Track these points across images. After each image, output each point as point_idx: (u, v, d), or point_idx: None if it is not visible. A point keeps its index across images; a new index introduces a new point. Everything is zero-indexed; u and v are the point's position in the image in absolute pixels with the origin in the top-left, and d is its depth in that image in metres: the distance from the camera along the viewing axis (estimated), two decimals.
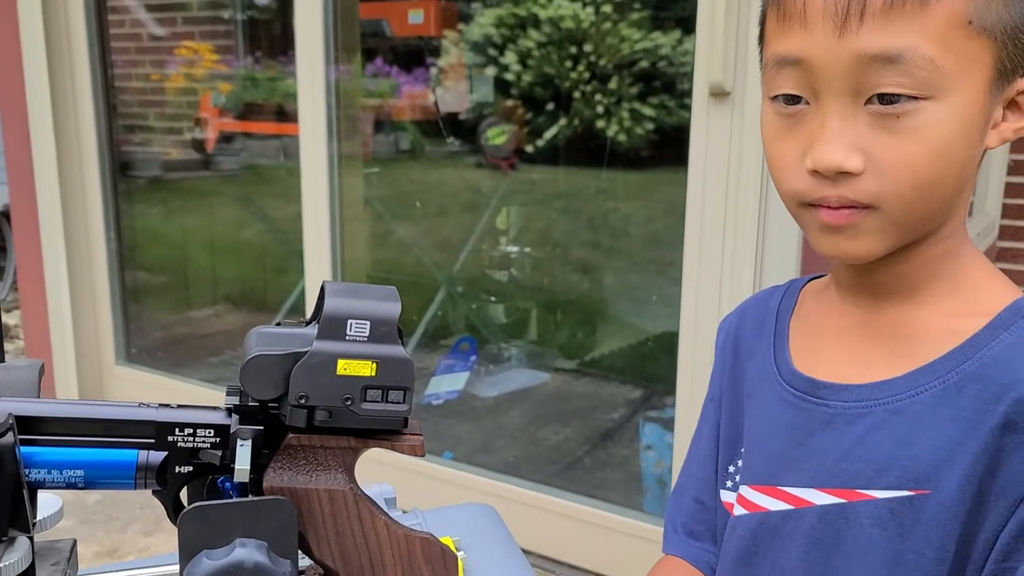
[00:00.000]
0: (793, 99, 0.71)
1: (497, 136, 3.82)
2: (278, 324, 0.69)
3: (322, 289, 0.68)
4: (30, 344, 3.36)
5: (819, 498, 0.76)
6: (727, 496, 0.87)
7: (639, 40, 3.72)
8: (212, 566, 0.61)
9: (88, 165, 3.14)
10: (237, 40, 3.88)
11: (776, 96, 0.72)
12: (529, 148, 3.79)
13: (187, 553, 0.62)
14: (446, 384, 3.08)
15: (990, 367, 0.70)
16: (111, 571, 0.99)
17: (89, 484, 0.66)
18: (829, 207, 0.71)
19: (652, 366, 3.21)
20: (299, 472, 0.69)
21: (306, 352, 0.66)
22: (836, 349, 0.80)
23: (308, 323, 0.69)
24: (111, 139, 3.18)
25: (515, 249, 3.62)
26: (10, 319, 4.29)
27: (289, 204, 2.75)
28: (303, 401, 0.66)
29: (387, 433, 0.70)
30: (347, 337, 0.66)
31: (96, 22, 3.08)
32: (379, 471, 1.47)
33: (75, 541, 0.75)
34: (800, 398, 0.79)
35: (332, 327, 0.66)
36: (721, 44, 1.87)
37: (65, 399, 0.71)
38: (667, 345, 2.21)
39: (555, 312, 3.68)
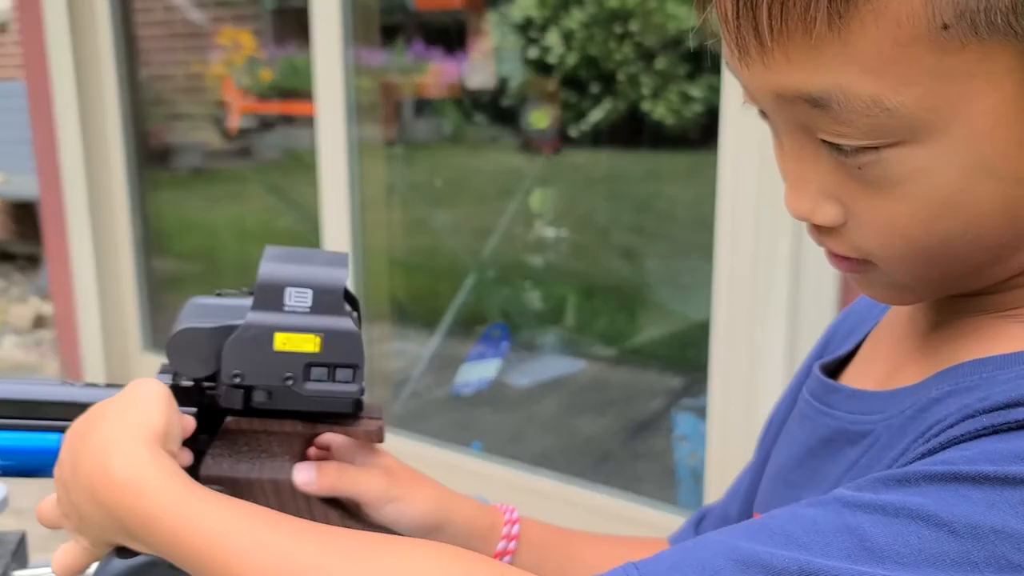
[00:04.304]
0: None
1: (540, 119, 3.74)
2: (218, 294, 0.63)
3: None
4: (60, 331, 3.43)
5: None
6: None
7: (687, 18, 3.60)
8: (123, 567, 0.55)
9: (113, 151, 3.14)
10: (266, 24, 3.84)
11: None
12: (572, 131, 3.71)
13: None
14: (476, 372, 3.01)
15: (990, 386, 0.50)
16: None
17: (7, 472, 0.61)
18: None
19: (693, 353, 3.10)
20: (240, 460, 0.63)
21: (239, 325, 0.59)
22: (881, 352, 0.65)
23: (250, 292, 0.62)
24: (136, 125, 3.19)
25: (551, 233, 3.54)
26: (47, 308, 4.34)
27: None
28: (238, 380, 0.60)
29: (339, 416, 0.64)
30: (285, 307, 0.59)
31: (120, 5, 3.08)
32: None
33: (24, 533, 0.71)
34: (808, 403, 0.64)
35: (268, 296, 0.59)
36: None
37: None
38: (707, 332, 2.14)
39: (592, 298, 3.60)
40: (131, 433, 0.56)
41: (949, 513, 0.43)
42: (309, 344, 0.59)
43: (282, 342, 0.59)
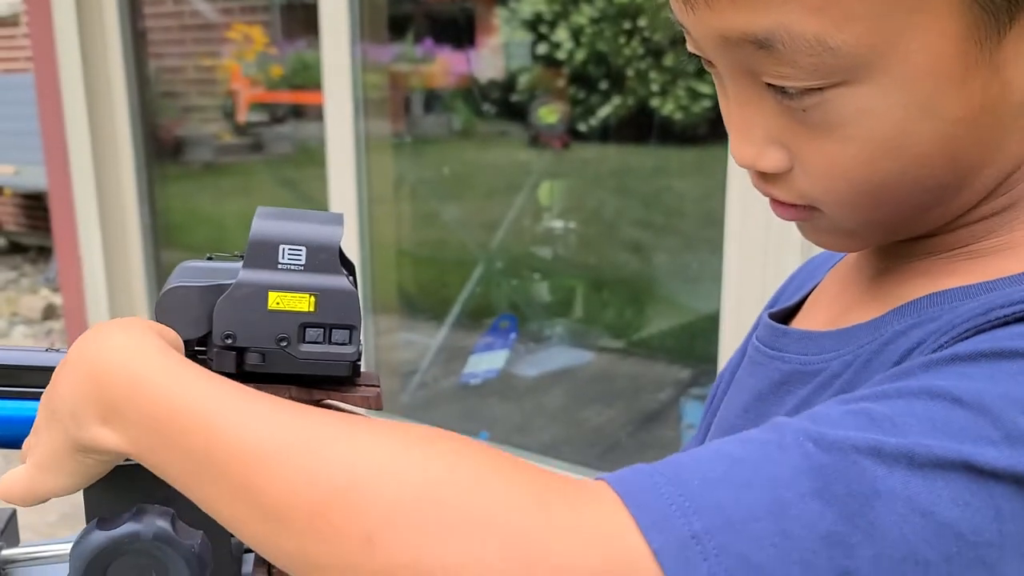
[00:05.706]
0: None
1: (548, 115, 3.72)
2: (209, 258, 0.61)
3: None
4: (69, 322, 3.41)
5: None
6: None
7: None
8: (103, 539, 0.52)
9: (121, 144, 3.14)
10: (276, 19, 3.83)
11: None
12: (581, 126, 3.69)
13: (90, 520, 0.55)
14: (485, 363, 3.00)
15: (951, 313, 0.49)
16: (60, 543, 0.94)
17: None
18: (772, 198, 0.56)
19: (701, 345, 3.09)
20: None
21: (231, 284, 0.57)
22: (828, 297, 0.65)
23: (242, 256, 0.60)
24: (145, 118, 3.19)
25: (559, 226, 3.53)
26: (57, 299, 4.34)
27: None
28: (230, 341, 0.58)
29: (335, 381, 0.62)
30: (279, 265, 0.57)
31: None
32: None
33: (14, 511, 0.69)
34: (757, 350, 0.63)
35: (261, 254, 0.57)
36: None
37: None
38: (715, 324, 2.14)
39: (600, 290, 3.59)
40: (140, 323, 0.53)
41: (952, 386, 0.42)
42: (303, 303, 0.57)
43: (275, 301, 0.57)
